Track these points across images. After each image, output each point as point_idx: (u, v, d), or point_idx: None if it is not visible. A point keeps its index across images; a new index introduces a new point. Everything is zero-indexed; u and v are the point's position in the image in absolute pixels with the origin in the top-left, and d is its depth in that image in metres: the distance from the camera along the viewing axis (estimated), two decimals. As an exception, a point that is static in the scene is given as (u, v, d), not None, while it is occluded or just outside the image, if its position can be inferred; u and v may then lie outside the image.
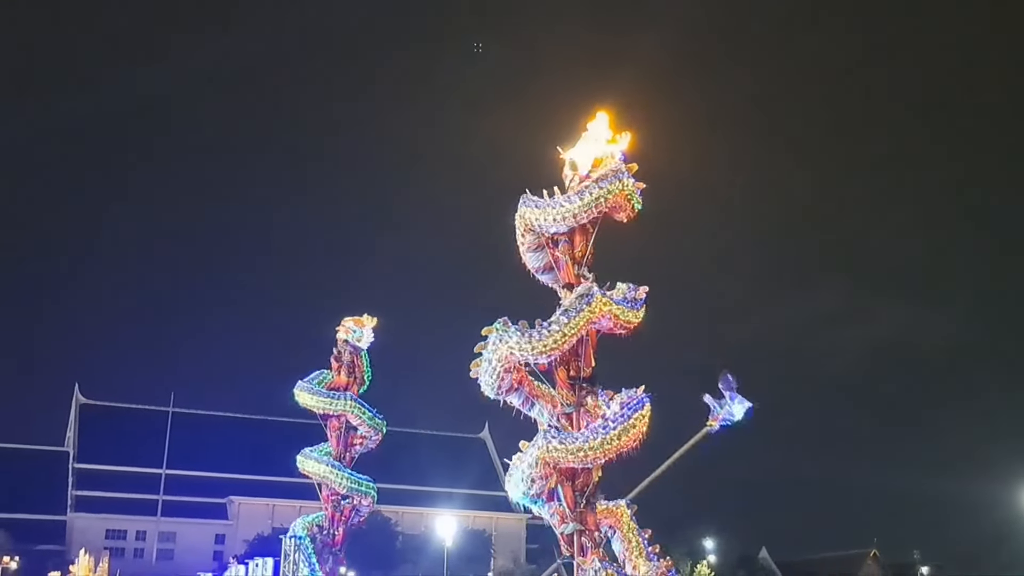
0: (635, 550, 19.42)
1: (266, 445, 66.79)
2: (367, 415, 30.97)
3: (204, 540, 71.32)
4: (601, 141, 21.18)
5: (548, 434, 18.91)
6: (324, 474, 30.47)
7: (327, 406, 30.91)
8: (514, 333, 19.12)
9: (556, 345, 19.08)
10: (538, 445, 19.01)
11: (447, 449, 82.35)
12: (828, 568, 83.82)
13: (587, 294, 19.51)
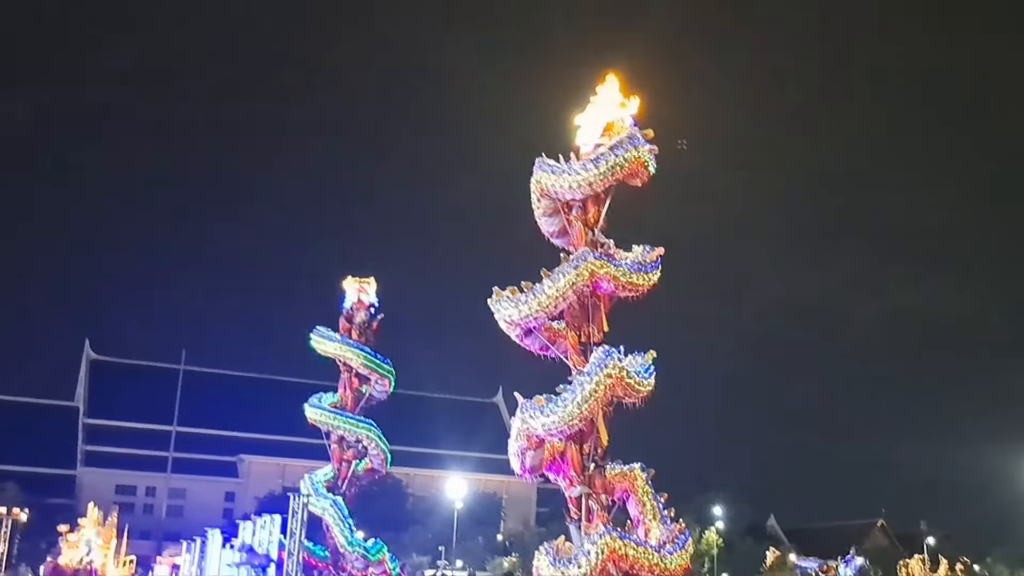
0: (650, 513, 19.32)
1: (277, 405, 66.76)
2: (386, 369, 31.09)
3: (214, 497, 71.69)
4: (612, 105, 20.94)
5: (523, 408, 19.05)
6: (372, 437, 30.34)
7: (342, 352, 30.94)
8: (505, 301, 19.41)
9: (541, 308, 19.26)
10: (517, 418, 19.23)
11: (460, 413, 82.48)
12: (835, 537, 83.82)
13: (578, 258, 19.42)
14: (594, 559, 17.37)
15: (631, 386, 18.83)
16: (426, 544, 58.84)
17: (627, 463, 20.22)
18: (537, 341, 20.32)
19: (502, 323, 19.93)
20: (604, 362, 18.53)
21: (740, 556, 66.12)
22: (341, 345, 31.14)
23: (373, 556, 27.56)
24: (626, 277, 19.62)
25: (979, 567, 68.41)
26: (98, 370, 78.11)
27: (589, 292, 19.73)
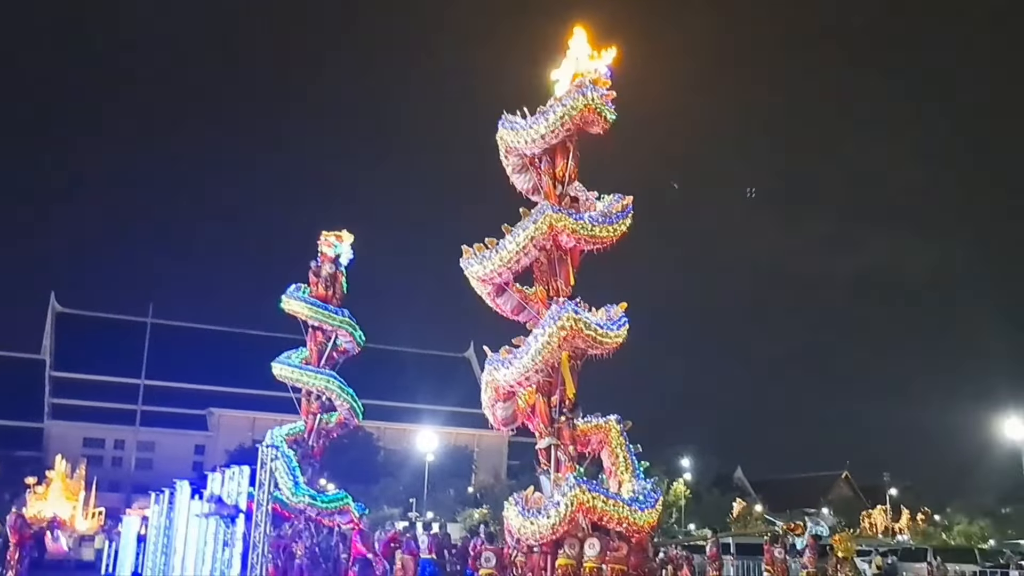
0: (623, 465, 19.37)
1: (247, 358, 66.51)
2: (358, 333, 30.86)
3: (184, 450, 71.65)
4: (583, 58, 20.74)
5: (489, 361, 19.08)
6: (333, 389, 30.25)
7: (323, 318, 30.75)
8: (473, 259, 19.31)
9: (504, 263, 19.10)
10: (485, 371, 19.30)
11: (432, 368, 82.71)
12: (801, 488, 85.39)
13: (537, 211, 19.33)
14: (563, 510, 17.44)
15: (593, 338, 18.69)
16: (397, 496, 59.27)
17: (597, 414, 20.31)
18: (510, 301, 20.20)
19: (473, 281, 19.85)
20: (557, 315, 18.47)
21: (707, 507, 67.12)
22: (303, 303, 30.97)
23: (321, 502, 27.93)
24: (586, 230, 19.42)
25: (939, 517, 69.83)
26: (64, 323, 77.51)
27: (552, 246, 19.64)
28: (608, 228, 19.76)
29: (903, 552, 41.19)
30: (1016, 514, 60.84)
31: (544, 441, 19.54)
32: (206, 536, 17.79)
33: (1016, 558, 34.04)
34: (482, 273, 19.50)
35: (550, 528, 17.54)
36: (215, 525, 17.30)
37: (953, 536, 59.31)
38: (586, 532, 18.00)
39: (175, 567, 19.53)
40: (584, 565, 17.53)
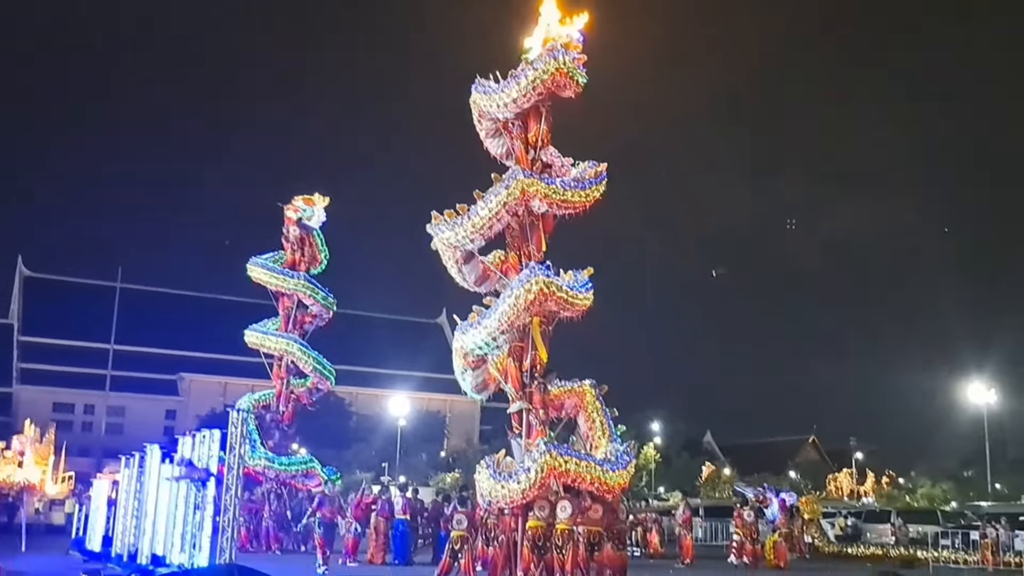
0: (599, 429, 19.55)
1: (218, 323, 66.33)
2: (320, 295, 30.82)
3: (155, 415, 71.43)
4: (553, 23, 20.66)
5: (459, 326, 19.14)
6: (293, 352, 30.36)
7: (280, 283, 30.78)
8: (443, 224, 19.29)
9: (476, 229, 19.13)
10: (455, 338, 19.38)
11: (404, 333, 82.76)
12: (769, 452, 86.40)
13: (508, 177, 19.33)
14: (533, 475, 17.61)
15: (564, 300, 18.78)
16: (370, 461, 59.50)
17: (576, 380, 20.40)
18: (475, 271, 20.17)
19: (441, 247, 19.78)
20: (527, 277, 18.54)
21: (677, 470, 67.87)
22: (261, 269, 30.91)
23: (278, 465, 28.20)
24: (559, 195, 19.42)
25: (904, 480, 70.95)
26: (32, 287, 76.85)
27: (524, 211, 19.63)
28: (581, 193, 19.76)
29: (868, 514, 41.89)
30: (977, 477, 61.89)
31: (515, 405, 19.66)
32: (177, 499, 17.77)
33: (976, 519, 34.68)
34: (454, 239, 19.46)
35: (520, 493, 17.73)
36: (186, 488, 17.28)
37: (917, 498, 60.30)
38: (558, 495, 18.21)
39: (146, 530, 19.53)
40: (556, 527, 17.77)
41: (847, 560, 30.57)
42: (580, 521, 18.21)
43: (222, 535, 16.02)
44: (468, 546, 18.72)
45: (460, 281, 20.22)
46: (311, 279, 30.93)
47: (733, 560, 27.41)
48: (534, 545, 17.76)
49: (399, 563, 23.54)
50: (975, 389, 56.32)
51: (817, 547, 32.21)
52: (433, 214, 19.60)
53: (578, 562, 17.66)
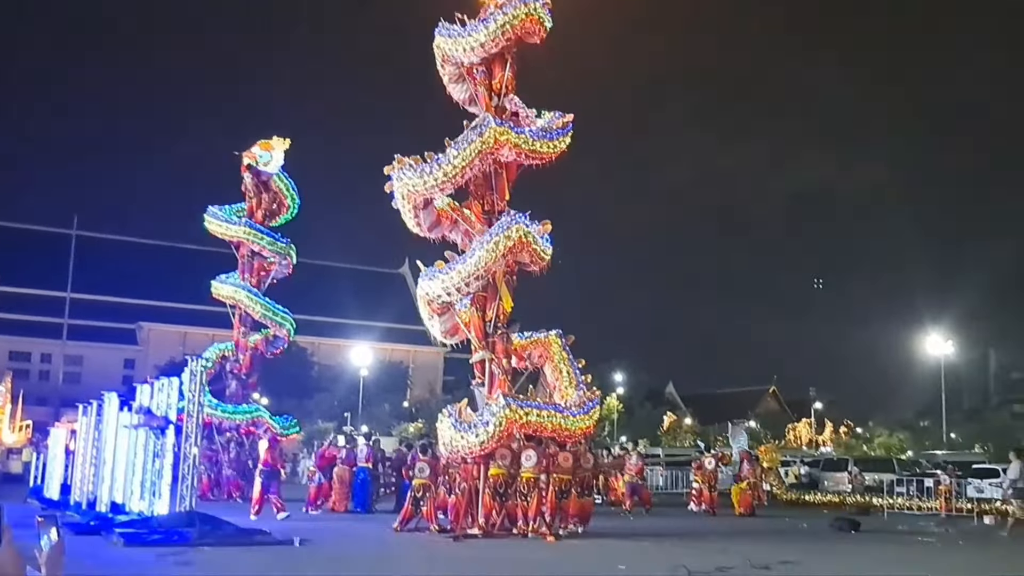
0: (566, 379, 19.64)
1: (179, 272, 65.58)
2: (266, 240, 30.33)
3: (113, 364, 70.67)
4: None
5: (423, 274, 19.01)
6: (240, 299, 30.16)
7: (226, 232, 30.37)
8: (408, 169, 18.99)
9: (447, 178, 18.91)
10: (419, 286, 19.24)
11: (366, 283, 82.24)
12: (730, 402, 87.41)
13: (482, 124, 19.09)
14: (492, 429, 17.65)
15: (536, 252, 18.79)
16: (332, 411, 59.40)
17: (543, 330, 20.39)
18: (430, 216, 19.95)
19: (402, 192, 19.46)
20: (507, 225, 18.44)
21: (639, 420, 68.53)
22: (212, 219, 30.49)
23: (222, 412, 28.14)
24: (528, 145, 19.29)
25: (861, 429, 72.15)
26: (-16, 235, 75.36)
27: (492, 160, 19.43)
28: (549, 144, 19.62)
29: (825, 462, 42.59)
30: (933, 427, 63.03)
31: (478, 355, 19.66)
32: (136, 448, 17.59)
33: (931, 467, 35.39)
34: (422, 187, 19.12)
35: (479, 445, 17.77)
36: (145, 436, 17.10)
37: (874, 448, 61.38)
38: (521, 444, 18.27)
39: (104, 478, 19.36)
40: (521, 476, 17.84)
41: (805, 507, 31.04)
42: (551, 470, 18.33)
43: (182, 483, 15.91)
44: (430, 494, 18.76)
45: (412, 226, 19.94)
46: (255, 226, 30.39)
47: (693, 508, 27.74)
48: (495, 492, 17.85)
49: (361, 511, 23.56)
50: (933, 341, 57.17)
51: (775, 495, 32.67)
52: (396, 157, 19.31)
53: (542, 509, 17.79)
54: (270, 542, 15.26)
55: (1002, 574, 14.86)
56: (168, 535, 14.85)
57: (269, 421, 29.08)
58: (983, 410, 70.13)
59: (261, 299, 30.15)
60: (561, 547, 16.43)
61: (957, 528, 23.61)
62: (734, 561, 13.77)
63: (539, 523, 17.60)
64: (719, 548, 16.17)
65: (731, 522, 24.03)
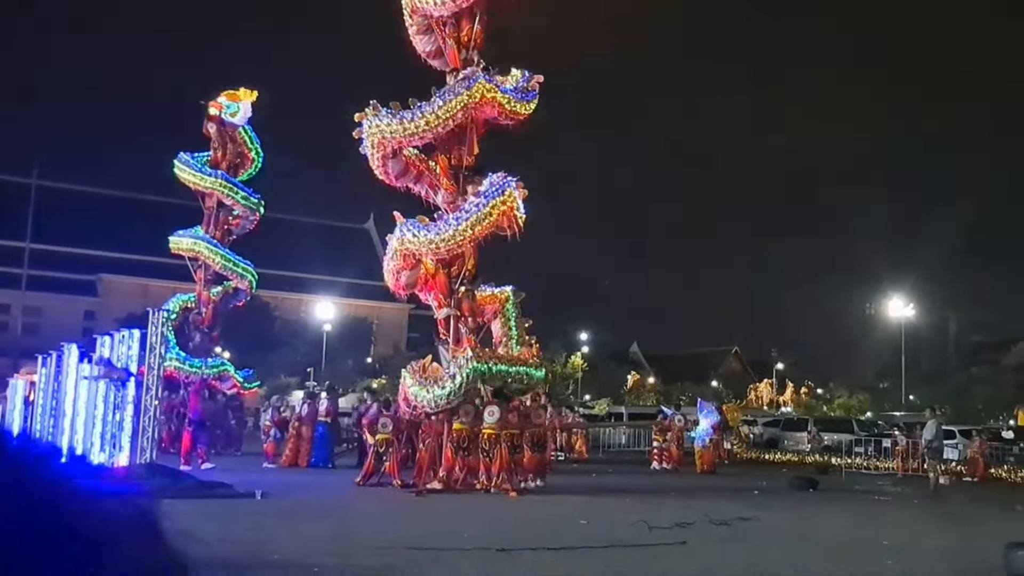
0: (511, 335, 19.70)
1: (140, 224, 64.66)
2: (240, 195, 30.05)
3: (72, 316, 69.86)
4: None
5: (403, 226, 18.92)
6: (199, 250, 29.86)
7: (199, 182, 29.98)
8: (385, 116, 18.81)
9: (428, 127, 18.77)
10: (396, 237, 19.10)
11: (330, 238, 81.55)
12: (693, 362, 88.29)
13: (470, 77, 18.95)
14: (458, 381, 17.69)
15: (516, 218, 18.81)
16: (295, 366, 59.21)
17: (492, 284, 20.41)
18: (398, 164, 19.82)
19: (373, 140, 19.27)
20: (502, 188, 18.42)
21: (603, 379, 68.90)
22: (181, 167, 30.07)
23: (189, 366, 28.04)
24: (510, 105, 19.26)
25: (822, 391, 73.09)
26: (-59, 183, 73.96)
27: (471, 115, 19.33)
28: (526, 106, 19.60)
29: (786, 422, 43.09)
30: (893, 388, 64.00)
31: (443, 312, 19.65)
32: (95, 399, 17.44)
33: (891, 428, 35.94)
34: (401, 133, 18.93)
35: (445, 398, 17.80)
36: (105, 388, 16.95)
37: (834, 408, 62.22)
38: (483, 400, 18.31)
39: (64, 429, 19.19)
40: (483, 431, 17.89)
41: (765, 466, 31.43)
42: (509, 427, 18.39)
43: (143, 435, 15.80)
44: (393, 449, 18.76)
45: (380, 174, 19.81)
46: (230, 179, 30.06)
47: (655, 466, 27.99)
48: (458, 447, 17.90)
49: (321, 465, 23.56)
50: (893, 305, 57.88)
51: (736, 453, 33.05)
52: (372, 103, 19.08)
53: (503, 464, 17.88)
54: (231, 495, 15.20)
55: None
56: (127, 487, 14.74)
57: (235, 375, 29.01)
58: (942, 373, 71.24)
59: (222, 250, 29.84)
60: (523, 502, 16.52)
61: (912, 487, 24.01)
62: (694, 517, 13.90)
63: (502, 478, 17.69)
64: (680, 505, 16.32)
65: (692, 480, 24.28)
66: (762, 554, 11.11)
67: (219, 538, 10.61)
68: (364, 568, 8.88)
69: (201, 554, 4.63)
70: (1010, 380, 69.30)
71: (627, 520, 13.33)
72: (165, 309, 19.07)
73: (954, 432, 34.12)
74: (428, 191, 19.86)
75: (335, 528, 11.96)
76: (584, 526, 13.20)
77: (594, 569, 9.44)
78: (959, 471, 28.52)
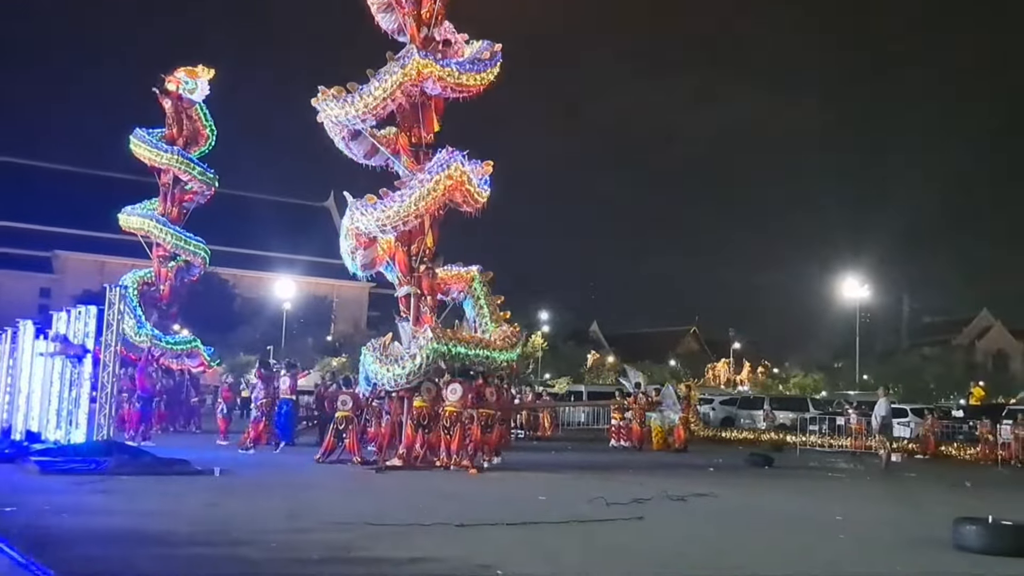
0: (485, 315, 19.76)
1: (97, 200, 63.80)
2: (197, 171, 29.85)
3: (28, 293, 68.96)
4: None
5: (353, 206, 18.93)
6: (149, 229, 29.65)
7: (155, 158, 29.73)
8: (331, 100, 18.76)
9: (368, 109, 18.76)
10: (346, 216, 19.12)
11: (290, 216, 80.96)
12: (652, 341, 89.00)
13: (403, 55, 18.88)
14: (419, 361, 17.72)
15: (471, 193, 18.75)
16: (254, 344, 58.81)
17: (459, 264, 20.45)
18: (363, 146, 19.78)
19: (328, 124, 19.26)
20: (447, 162, 18.35)
21: (563, 358, 69.20)
22: (137, 143, 29.77)
23: (166, 343, 27.88)
24: (454, 78, 19.12)
25: (778, 370, 73.99)
26: None
27: (418, 92, 19.23)
28: (476, 76, 19.43)
29: (742, 401, 43.63)
30: (846, 368, 64.90)
31: (403, 290, 19.66)
32: (52, 376, 17.28)
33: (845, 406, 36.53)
34: (343, 117, 18.95)
35: (405, 377, 17.85)
36: (61, 365, 16.80)
37: (789, 387, 63.04)
38: (446, 378, 18.36)
39: (20, 406, 19.01)
40: (445, 409, 17.97)
41: (721, 443, 31.85)
42: (476, 404, 18.45)
43: (100, 412, 15.69)
44: (353, 426, 18.79)
45: (349, 155, 19.81)
46: (186, 154, 29.84)
47: (613, 443, 28.22)
48: (418, 425, 17.97)
49: (285, 443, 23.51)
50: (850, 285, 58.58)
51: (693, 431, 33.41)
52: (320, 89, 19.01)
53: (462, 442, 17.97)
54: (189, 472, 15.17)
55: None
56: (85, 463, 14.67)
57: (203, 353, 28.97)
58: (895, 352, 72.38)
59: (172, 229, 29.63)
60: (483, 479, 16.64)
61: (865, 464, 24.46)
62: (651, 493, 14.10)
63: (462, 456, 17.80)
64: (637, 481, 16.53)
65: (650, 457, 24.55)
66: (718, 528, 11.31)
67: (176, 514, 10.63)
68: (323, 543, 8.94)
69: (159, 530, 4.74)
70: (961, 360, 70.73)
71: (585, 496, 13.50)
72: (121, 285, 18.84)
73: (906, 410, 34.76)
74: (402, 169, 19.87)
75: (294, 504, 11.99)
76: (543, 502, 13.34)
77: (552, 543, 9.57)
78: (911, 448, 29.09)
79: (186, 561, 8.00)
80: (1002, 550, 9.49)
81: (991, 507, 11.42)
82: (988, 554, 9.46)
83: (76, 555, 7.91)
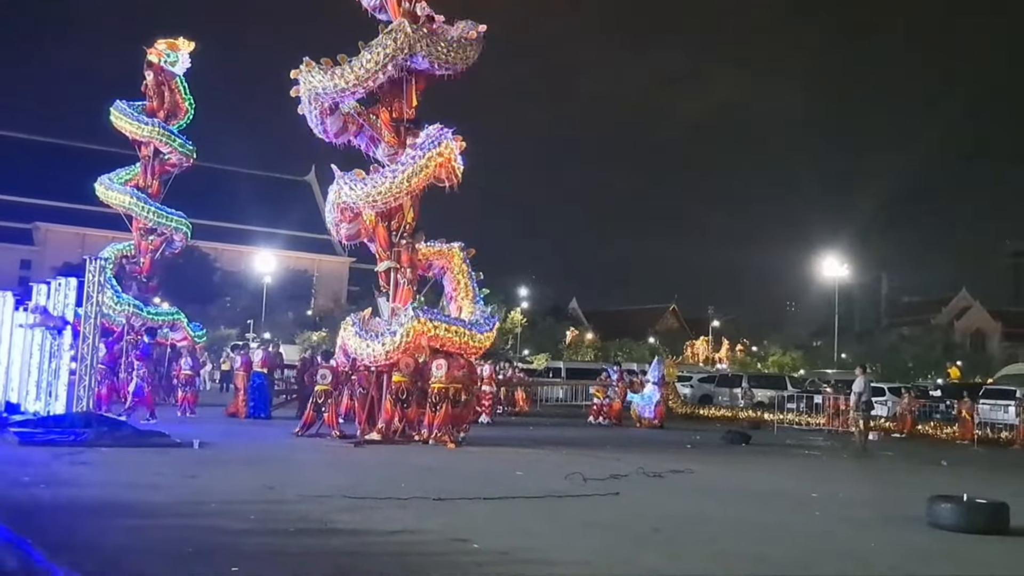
0: (463, 291, 19.80)
1: (77, 172, 63.34)
2: (177, 143, 29.69)
3: (8, 265, 68.64)
4: None
5: (340, 180, 18.89)
6: (129, 206, 29.47)
7: (136, 130, 29.52)
8: (316, 72, 18.66)
9: (359, 82, 18.67)
10: (333, 190, 19.08)
11: (271, 190, 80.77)
12: (631, 319, 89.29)
13: (395, 29, 18.81)
14: (399, 339, 17.77)
15: (454, 169, 18.80)
16: (235, 317, 58.77)
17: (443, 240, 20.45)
18: (337, 122, 19.66)
19: (309, 96, 19.12)
20: (438, 139, 18.37)
21: (541, 334, 69.42)
22: (119, 115, 29.54)
23: (147, 314, 27.81)
24: (443, 55, 19.10)
25: (757, 348, 74.41)
26: None
27: (404, 67, 19.16)
28: (461, 55, 19.43)
29: (720, 378, 43.90)
30: (825, 347, 65.42)
31: (383, 264, 19.67)
32: (31, 348, 17.25)
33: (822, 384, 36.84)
34: (332, 89, 18.82)
35: (384, 354, 17.90)
36: (41, 336, 16.76)
37: (768, 365, 63.45)
38: (427, 355, 18.41)
39: (-2, 378, 18.98)
40: (432, 386, 18.02)
41: (700, 421, 32.08)
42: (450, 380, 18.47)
43: (79, 384, 15.68)
44: (332, 400, 18.85)
45: (318, 132, 19.64)
46: (167, 127, 29.66)
47: (592, 420, 28.40)
48: (397, 400, 18.04)
49: (262, 416, 23.59)
50: (828, 265, 58.92)
51: (672, 408, 33.65)
52: (305, 60, 18.91)
53: (444, 417, 18.04)
54: (168, 444, 15.19)
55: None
56: (64, 435, 14.67)
57: (186, 327, 28.92)
58: (873, 332, 72.96)
59: (151, 205, 29.46)
60: (461, 453, 16.73)
61: (842, 442, 24.70)
62: (628, 469, 14.22)
63: (442, 431, 17.87)
64: (615, 457, 16.66)
65: (628, 434, 24.72)
66: (694, 504, 11.45)
67: (155, 486, 10.67)
68: (300, 515, 9.01)
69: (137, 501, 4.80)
70: (939, 340, 71.33)
71: (562, 472, 13.60)
72: (101, 257, 18.76)
73: (884, 389, 35.08)
74: (369, 144, 19.80)
75: (272, 477, 12.04)
76: (520, 477, 13.45)
77: (529, 518, 9.67)
78: (888, 427, 29.39)
79: (164, 531, 8.05)
80: (976, 528, 9.65)
81: (966, 485, 11.56)
82: (962, 532, 9.62)
83: (54, 525, 7.95)
